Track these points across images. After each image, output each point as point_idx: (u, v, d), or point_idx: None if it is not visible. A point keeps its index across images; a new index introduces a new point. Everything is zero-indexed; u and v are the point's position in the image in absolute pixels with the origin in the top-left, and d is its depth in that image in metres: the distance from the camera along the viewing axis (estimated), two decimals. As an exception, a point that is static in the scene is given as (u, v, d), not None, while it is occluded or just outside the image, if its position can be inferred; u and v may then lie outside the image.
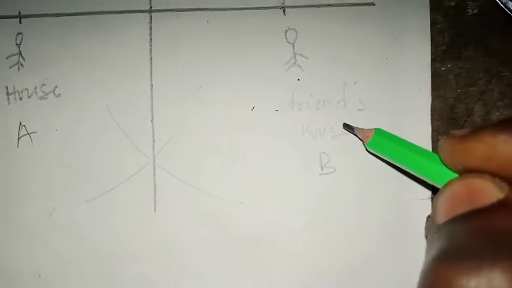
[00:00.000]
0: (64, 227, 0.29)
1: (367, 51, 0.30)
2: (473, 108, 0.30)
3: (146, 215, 0.29)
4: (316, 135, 0.30)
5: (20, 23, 0.30)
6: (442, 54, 0.30)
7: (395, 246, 0.29)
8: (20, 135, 0.30)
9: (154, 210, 0.29)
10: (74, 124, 0.30)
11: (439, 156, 0.22)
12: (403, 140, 0.26)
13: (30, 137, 0.30)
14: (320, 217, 0.29)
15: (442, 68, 0.30)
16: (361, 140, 0.29)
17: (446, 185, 0.20)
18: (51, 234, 0.29)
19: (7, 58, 0.30)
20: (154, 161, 0.30)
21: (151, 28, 0.30)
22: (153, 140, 0.30)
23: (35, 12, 0.30)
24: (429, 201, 0.29)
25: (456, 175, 0.21)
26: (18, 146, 0.30)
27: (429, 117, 0.30)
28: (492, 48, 0.30)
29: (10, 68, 0.30)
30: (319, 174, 0.30)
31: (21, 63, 0.30)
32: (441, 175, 0.22)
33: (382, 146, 0.27)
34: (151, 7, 0.30)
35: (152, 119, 0.30)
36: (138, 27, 0.30)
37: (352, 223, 0.29)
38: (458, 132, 0.20)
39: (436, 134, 0.30)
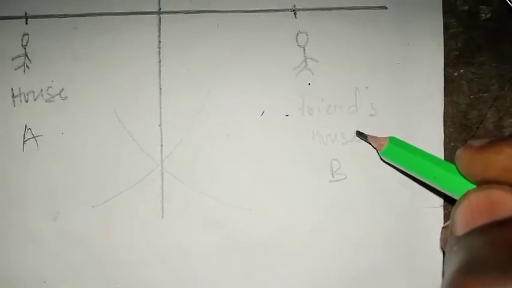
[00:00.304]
0: (69, 232, 0.29)
1: (379, 55, 0.30)
2: (486, 114, 0.30)
3: (153, 221, 0.29)
4: (327, 141, 0.29)
5: (26, 23, 0.30)
6: (455, 59, 0.30)
7: (405, 254, 0.29)
8: (26, 139, 0.29)
9: (162, 217, 0.29)
10: (80, 127, 0.29)
11: (456, 167, 0.21)
12: (418, 149, 0.26)
13: (36, 140, 0.29)
14: (330, 224, 0.29)
15: (455, 74, 0.30)
16: (375, 148, 0.28)
17: (465, 196, 0.19)
18: (56, 240, 0.29)
19: (13, 59, 0.29)
20: (162, 165, 0.29)
21: (160, 30, 0.29)
22: (161, 145, 0.29)
23: (42, 13, 0.30)
24: (441, 209, 0.29)
25: (474, 186, 0.21)
26: (23, 150, 0.29)
27: (442, 123, 0.29)
28: (505, 54, 0.30)
29: (16, 69, 0.29)
30: (330, 181, 0.29)
31: (27, 65, 0.29)
32: (458, 186, 0.22)
33: (397, 155, 0.27)
34: (160, 9, 0.30)
35: (160, 123, 0.29)
36: (147, 29, 0.29)
37: (363, 231, 0.29)
38: (477, 143, 0.20)
39: (449, 141, 0.30)
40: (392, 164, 0.28)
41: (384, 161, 0.29)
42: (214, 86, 0.29)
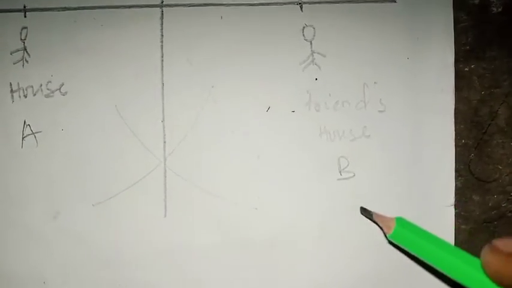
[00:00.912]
0: (69, 232, 0.28)
1: (388, 50, 0.29)
2: (498, 110, 0.29)
3: (156, 219, 0.28)
4: (335, 138, 0.28)
5: (25, 17, 0.29)
6: (466, 54, 0.29)
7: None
8: (25, 135, 0.28)
9: (165, 215, 0.28)
10: (80, 123, 0.28)
11: (481, 264, 0.21)
12: (429, 234, 0.25)
13: (35, 136, 0.28)
14: (338, 224, 0.28)
15: (466, 69, 0.29)
16: (381, 228, 0.27)
17: None
18: (55, 239, 0.28)
19: (11, 54, 0.29)
20: (165, 163, 0.28)
21: (162, 24, 0.29)
22: (164, 141, 0.28)
23: (41, 6, 0.29)
24: (452, 208, 0.28)
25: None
26: (22, 146, 0.28)
27: (453, 120, 0.29)
28: (517, 48, 0.29)
29: (14, 64, 0.29)
30: (338, 179, 0.28)
31: (25, 59, 0.29)
32: (483, 285, 0.21)
33: (408, 240, 0.25)
34: (162, 2, 0.29)
35: (163, 119, 0.28)
36: (149, 22, 0.29)
37: (372, 230, 0.28)
38: (505, 248, 0.20)
39: (459, 138, 0.29)
40: (402, 247, 0.26)
41: (392, 243, 0.27)
42: (218, 81, 0.29)
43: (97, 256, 0.28)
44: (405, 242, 0.25)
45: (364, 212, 0.28)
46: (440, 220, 0.28)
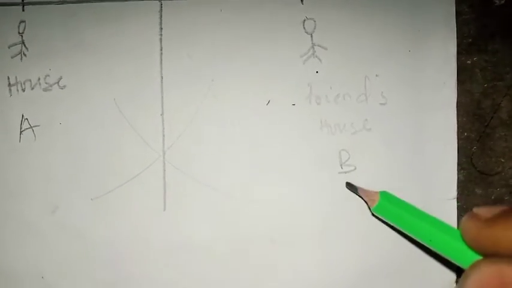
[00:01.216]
0: (67, 227, 0.28)
1: (390, 42, 0.29)
2: (500, 103, 0.29)
3: (155, 213, 0.28)
4: (336, 131, 0.28)
5: (23, 10, 0.29)
6: (468, 47, 0.29)
7: (416, 249, 0.28)
8: (23, 129, 0.28)
9: (164, 209, 0.28)
10: (79, 117, 0.28)
11: (461, 234, 0.21)
12: (412, 207, 0.25)
13: (33, 130, 0.28)
14: (339, 218, 0.28)
15: (468, 61, 0.29)
16: (365, 202, 0.27)
17: (474, 268, 0.18)
18: (54, 234, 0.28)
19: (9, 47, 0.29)
20: (164, 156, 0.28)
21: (161, 17, 0.29)
22: (163, 135, 0.28)
23: (39, -1, 0.29)
24: (454, 201, 0.28)
25: (478, 255, 0.20)
26: (20, 140, 0.28)
27: (455, 113, 0.28)
28: (520, 41, 0.29)
29: (12, 57, 0.29)
30: (339, 173, 0.28)
31: (24, 53, 0.29)
32: (462, 253, 0.21)
33: (390, 212, 0.25)
34: (161, -6, 0.29)
35: (162, 112, 0.28)
36: (148, 15, 0.29)
37: (373, 224, 0.28)
38: (484, 214, 0.19)
39: (462, 131, 0.28)
40: (386, 221, 0.26)
41: (376, 217, 0.27)
42: (217, 75, 0.28)
43: (96, 251, 0.28)
44: (388, 215, 0.26)
45: (350, 187, 0.28)
46: (443, 213, 0.27)
